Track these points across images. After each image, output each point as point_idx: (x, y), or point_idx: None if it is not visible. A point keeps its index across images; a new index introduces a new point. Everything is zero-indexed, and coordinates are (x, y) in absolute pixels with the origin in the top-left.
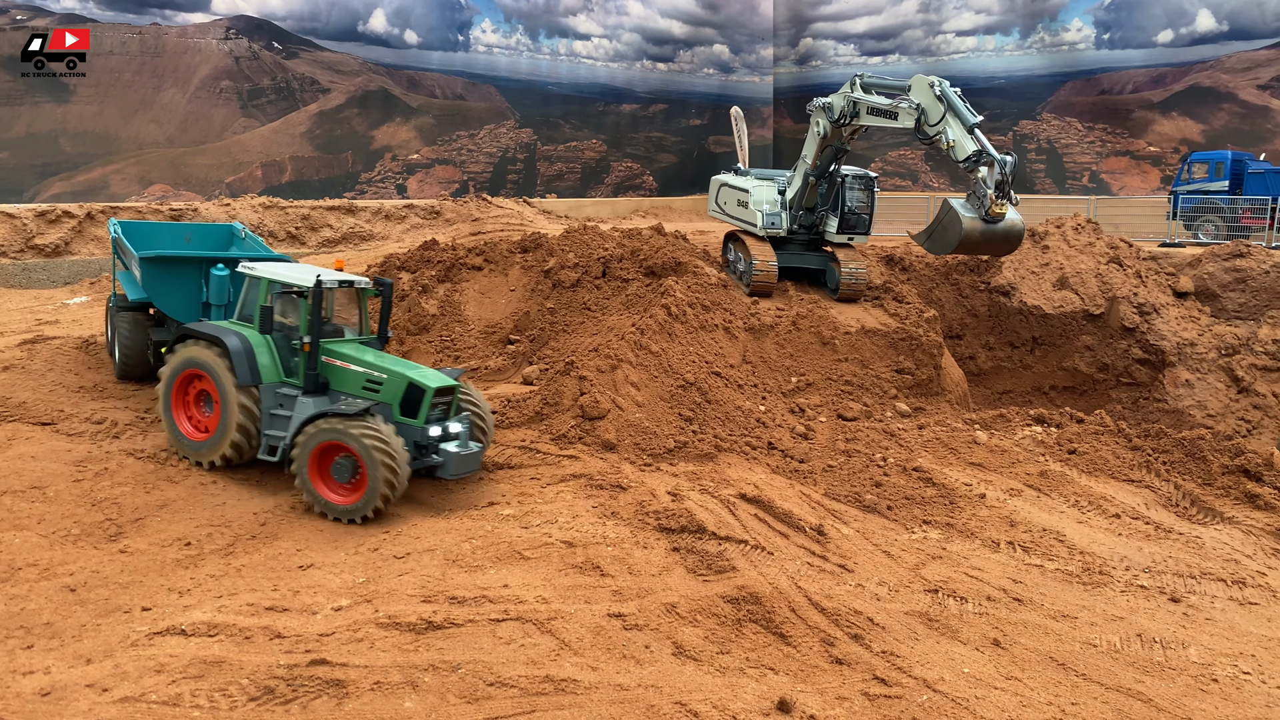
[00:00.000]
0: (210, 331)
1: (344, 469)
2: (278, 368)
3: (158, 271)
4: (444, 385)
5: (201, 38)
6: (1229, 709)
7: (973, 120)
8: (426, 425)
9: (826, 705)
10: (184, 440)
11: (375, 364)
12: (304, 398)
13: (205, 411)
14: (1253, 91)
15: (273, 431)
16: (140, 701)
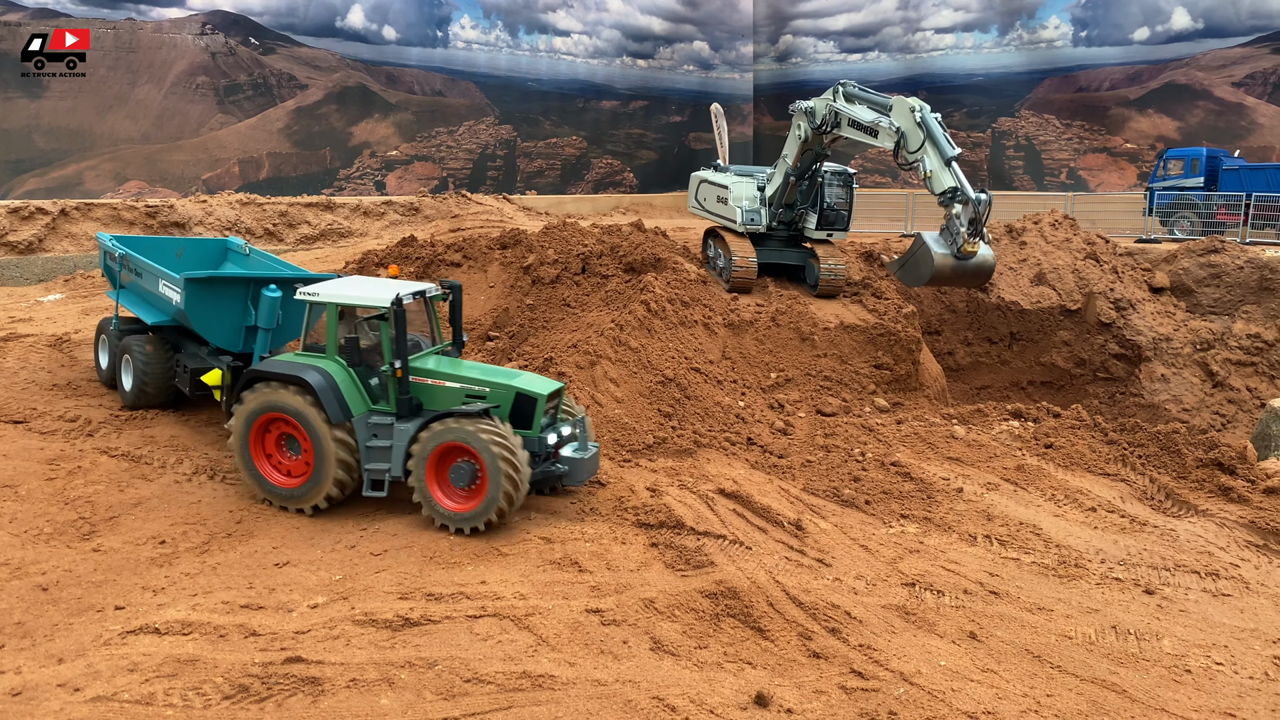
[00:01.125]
0: (286, 371)
1: (463, 473)
2: (363, 396)
3: (203, 294)
4: (553, 390)
5: (177, 33)
6: (1202, 699)
7: (951, 153)
8: (543, 433)
9: (804, 699)
10: (274, 489)
11: (473, 376)
12: (400, 424)
13: (291, 454)
14: (1227, 89)
15: (374, 465)
16: (113, 701)
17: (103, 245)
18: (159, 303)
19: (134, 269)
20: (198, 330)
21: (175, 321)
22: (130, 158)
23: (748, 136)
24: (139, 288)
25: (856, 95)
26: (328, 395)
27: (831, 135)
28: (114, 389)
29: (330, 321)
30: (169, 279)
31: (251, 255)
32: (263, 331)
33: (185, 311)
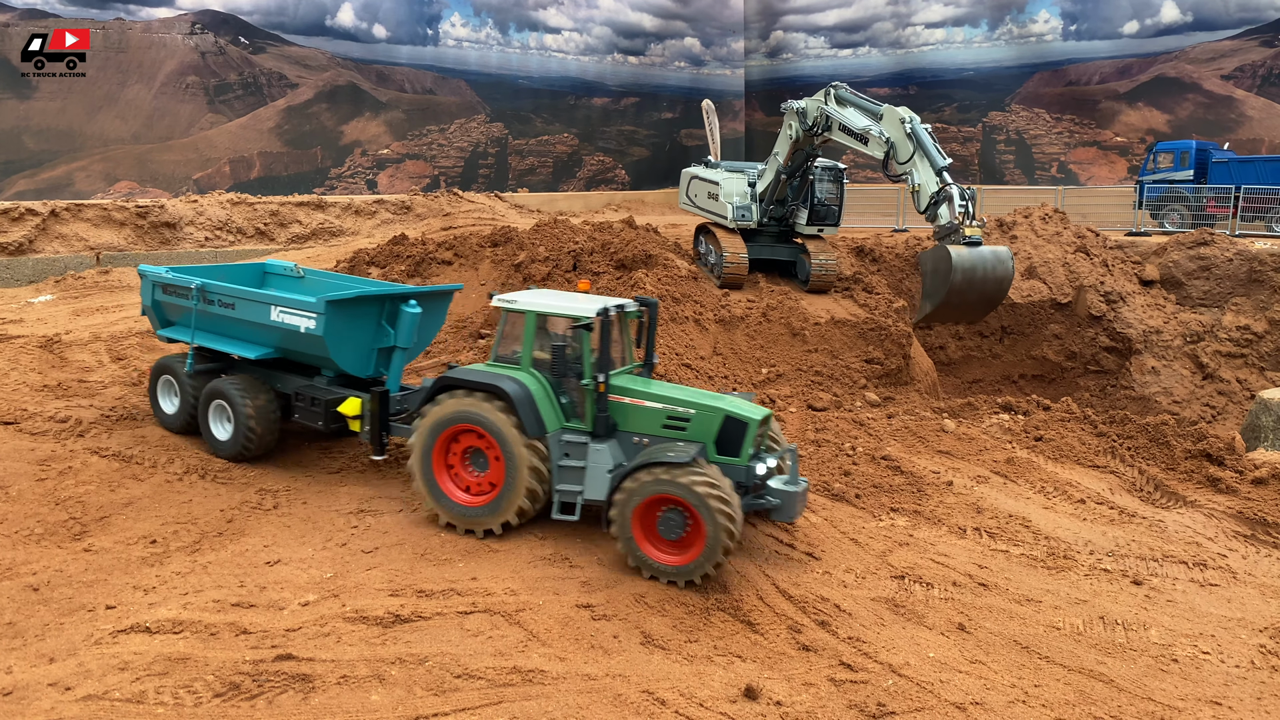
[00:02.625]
0: (481, 380)
1: (673, 524)
2: (557, 412)
3: (342, 317)
4: (764, 416)
5: (166, 33)
6: (1188, 688)
7: (942, 163)
8: (752, 463)
9: (793, 691)
10: (456, 507)
11: (675, 398)
12: (596, 444)
13: (474, 471)
14: (1217, 82)
15: (565, 486)
16: (103, 700)
17: (153, 279)
18: (260, 335)
19: (220, 299)
20: (334, 358)
21: (280, 353)
22: (120, 158)
23: (739, 132)
24: (224, 321)
25: (848, 99)
26: (525, 407)
27: (822, 137)
28: (183, 434)
29: (528, 332)
30: (295, 305)
31: (306, 277)
32: (400, 352)
33: (323, 338)
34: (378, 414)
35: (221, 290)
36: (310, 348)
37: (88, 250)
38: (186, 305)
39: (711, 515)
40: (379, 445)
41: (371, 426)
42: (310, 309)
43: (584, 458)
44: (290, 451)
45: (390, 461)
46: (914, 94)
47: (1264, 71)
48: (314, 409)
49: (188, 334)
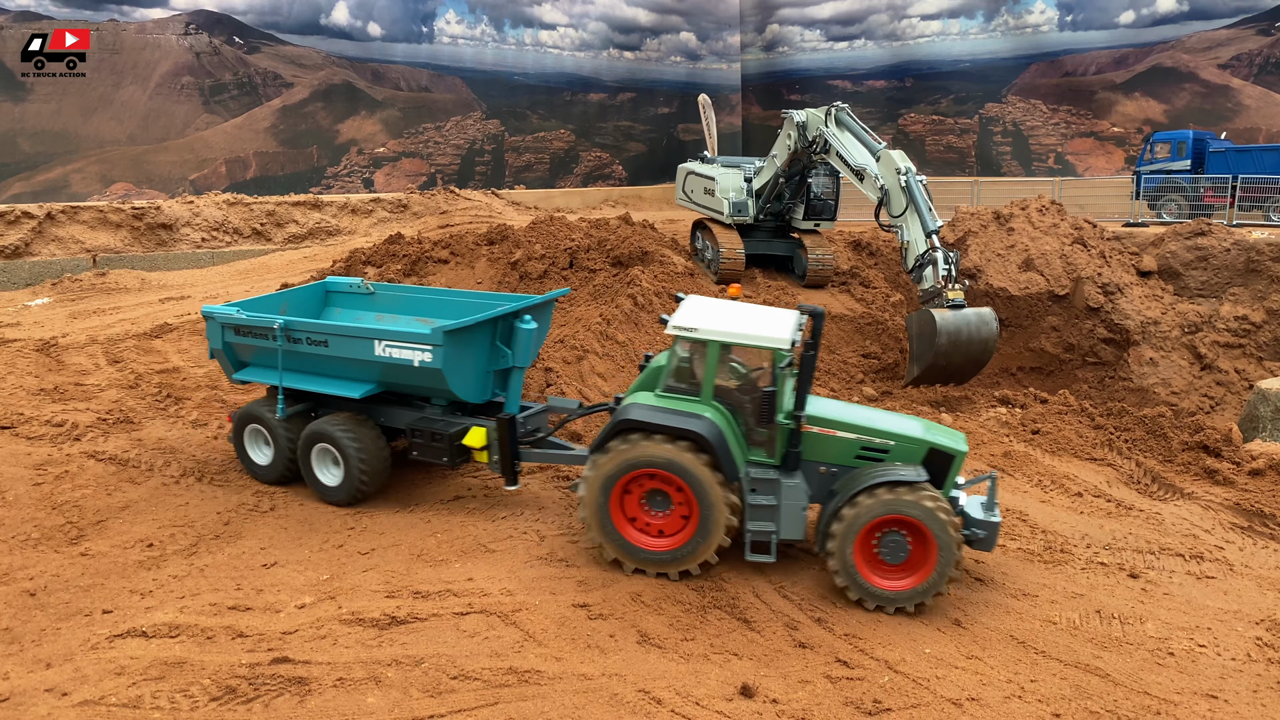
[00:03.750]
0: (670, 422)
1: (897, 548)
2: (741, 445)
3: (459, 345)
4: (964, 444)
5: (161, 33)
6: (1184, 681)
7: (933, 226)
8: (954, 497)
9: (789, 689)
10: (644, 553)
11: (869, 426)
12: (788, 479)
13: (654, 512)
14: (1214, 71)
15: (756, 525)
16: (100, 704)
17: (223, 320)
18: (361, 371)
19: (309, 337)
20: (454, 389)
21: (382, 388)
22: (116, 160)
23: (736, 127)
24: (317, 359)
25: (848, 124)
26: (725, 452)
27: (820, 156)
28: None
29: (710, 361)
30: (405, 339)
31: (377, 293)
32: (518, 371)
33: (442, 370)
34: (507, 442)
35: (311, 328)
36: (423, 380)
37: (84, 252)
38: (268, 346)
39: (947, 539)
40: (511, 475)
41: (501, 456)
42: (426, 341)
43: (773, 494)
44: None
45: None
46: (910, 86)
47: (1261, 60)
48: (435, 444)
49: (272, 376)
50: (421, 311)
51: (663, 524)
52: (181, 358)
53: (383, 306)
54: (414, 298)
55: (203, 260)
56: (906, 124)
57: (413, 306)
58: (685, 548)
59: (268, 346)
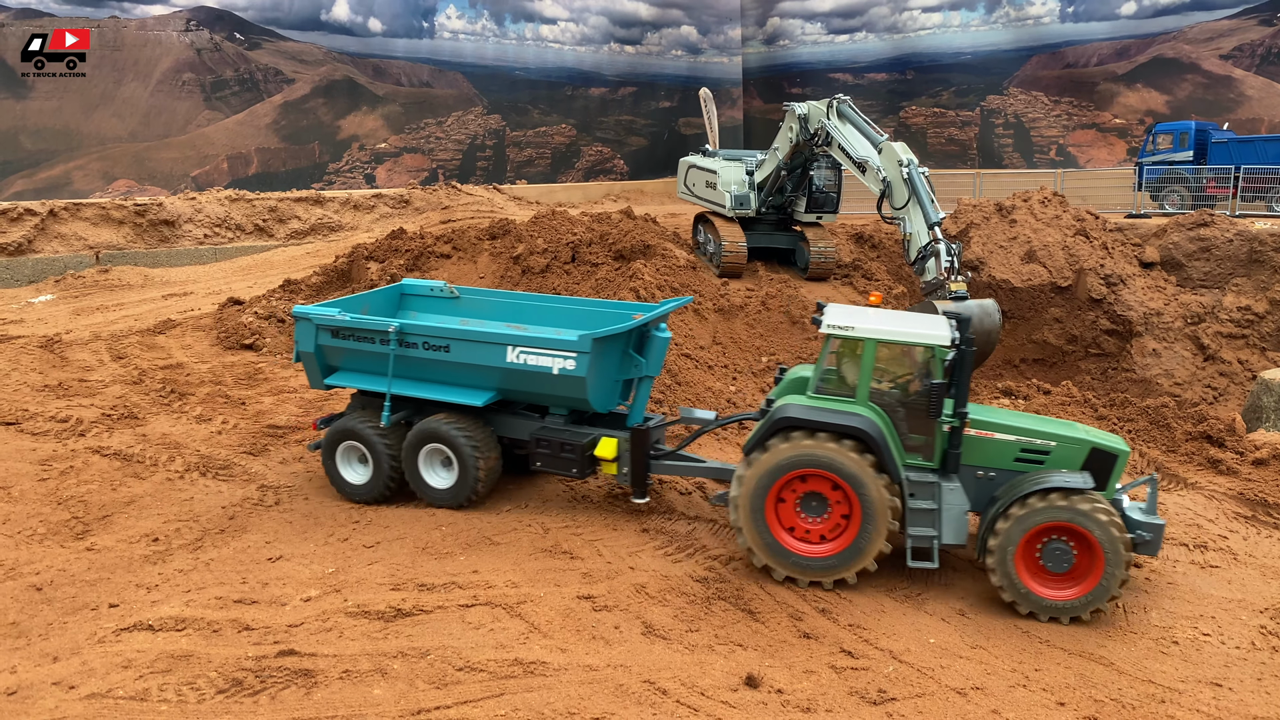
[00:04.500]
0: (833, 420)
1: (1060, 555)
2: (898, 448)
3: (602, 352)
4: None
5: (162, 30)
6: (1189, 670)
7: (936, 218)
8: (1117, 499)
9: (794, 679)
10: (799, 559)
11: (1026, 427)
12: (948, 483)
13: (810, 517)
14: (1215, 61)
15: (917, 530)
16: (107, 698)
17: (320, 322)
18: (482, 378)
19: (426, 341)
20: (591, 398)
21: (502, 395)
22: (118, 156)
23: (738, 120)
24: (431, 365)
25: (850, 116)
26: (886, 450)
27: (822, 148)
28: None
29: (866, 361)
30: (544, 345)
31: (462, 297)
32: (646, 381)
33: (585, 379)
34: (640, 453)
35: (431, 331)
36: (556, 389)
37: (87, 249)
38: (375, 351)
39: (1115, 548)
40: (642, 488)
41: (633, 468)
42: (570, 348)
43: (932, 498)
44: (292, 447)
45: None
46: (911, 79)
47: (1263, 51)
48: (566, 455)
49: (372, 382)
50: (507, 317)
51: (818, 529)
52: (185, 353)
53: (466, 311)
54: (499, 302)
55: (205, 256)
56: (908, 117)
57: (498, 311)
58: (845, 554)
59: (374, 351)
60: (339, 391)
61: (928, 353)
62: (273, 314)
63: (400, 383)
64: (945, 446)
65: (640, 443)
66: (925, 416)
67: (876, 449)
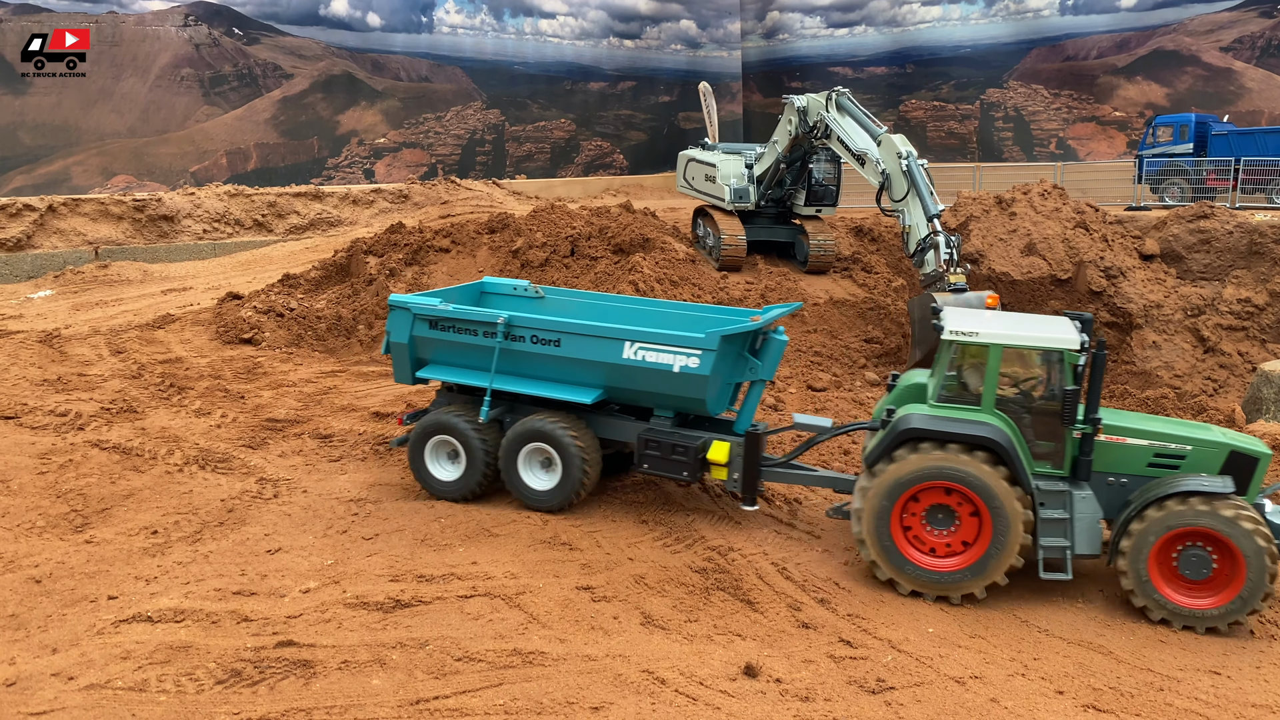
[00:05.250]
0: (963, 430)
1: (1197, 562)
2: (1027, 457)
3: (725, 352)
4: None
5: (160, 25)
6: (1187, 658)
7: (935, 210)
8: (1260, 504)
9: (793, 669)
10: (925, 574)
11: (1161, 431)
12: (1079, 491)
13: (936, 530)
14: (1215, 54)
15: (1048, 540)
16: (106, 688)
17: (420, 311)
18: (592, 374)
19: (536, 334)
20: (708, 399)
21: (607, 394)
22: (117, 152)
23: (737, 114)
24: (538, 360)
25: (849, 108)
26: (1017, 461)
27: (821, 141)
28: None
29: (991, 367)
30: (666, 341)
31: (546, 297)
32: (759, 385)
33: (707, 378)
34: (753, 459)
35: (541, 324)
36: (671, 388)
37: (86, 245)
38: (477, 344)
39: (1259, 556)
40: (752, 495)
41: (744, 474)
42: (695, 345)
43: (1063, 507)
44: (290, 440)
45: (395, 448)
46: (911, 72)
47: (1263, 43)
48: (678, 457)
49: (470, 376)
50: (591, 318)
51: (945, 542)
52: (184, 348)
53: (549, 311)
54: (584, 303)
55: (204, 252)
56: (908, 110)
57: (582, 313)
58: (974, 568)
59: (475, 344)
60: (341, 390)
61: (1057, 357)
62: (271, 308)
63: (502, 378)
64: (1076, 454)
65: (754, 448)
66: (1055, 423)
67: (1009, 460)
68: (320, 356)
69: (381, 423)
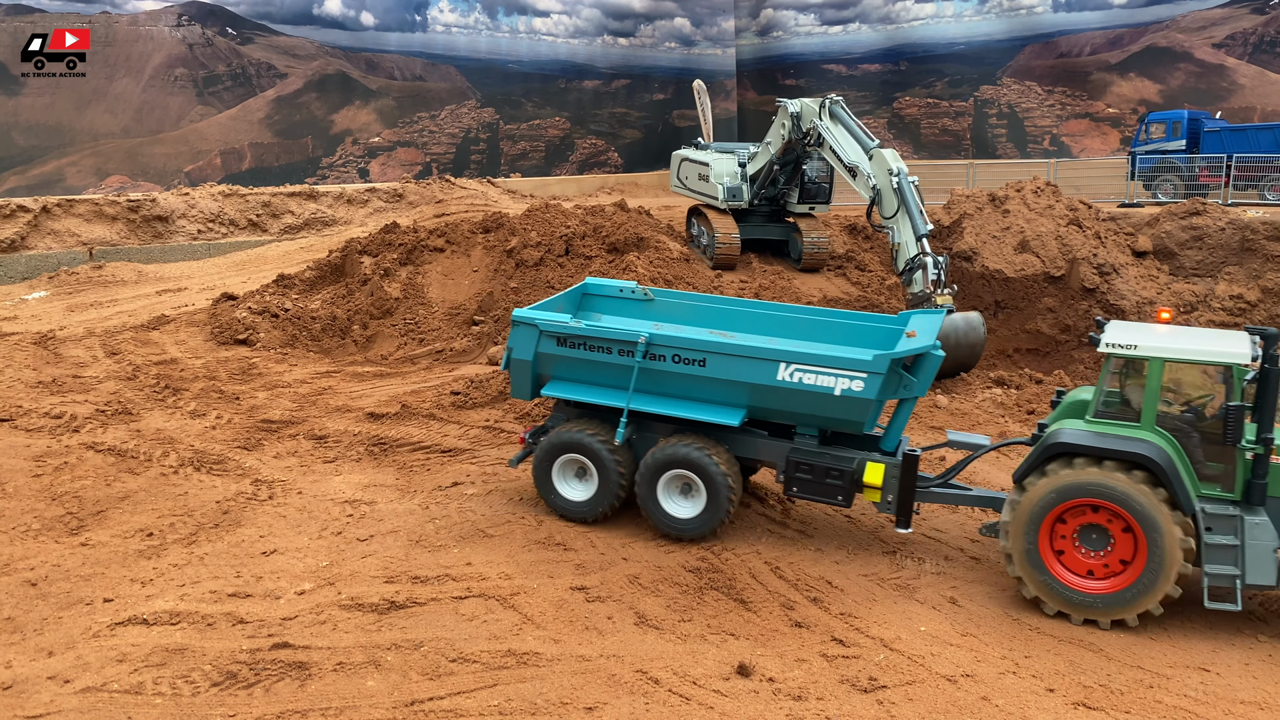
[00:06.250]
0: (1118, 447)
1: None
2: (1191, 478)
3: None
4: None
5: (153, 25)
6: (1176, 656)
7: (923, 229)
8: None
9: (785, 667)
10: (1075, 595)
11: None
12: (1252, 516)
13: (1090, 551)
14: (1208, 50)
15: (1215, 567)
16: (102, 691)
17: (548, 327)
18: (738, 395)
19: (679, 354)
20: (867, 422)
21: (751, 414)
22: (111, 152)
23: (732, 112)
24: (679, 380)
25: (842, 118)
26: (1177, 480)
27: (813, 147)
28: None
29: (1152, 383)
30: (827, 363)
31: (655, 299)
32: (910, 403)
33: (873, 401)
34: (910, 481)
35: (684, 343)
36: (826, 410)
37: (80, 246)
38: (608, 362)
39: None
40: (908, 517)
41: (900, 496)
42: (860, 368)
43: (1233, 532)
44: (285, 441)
45: (390, 449)
46: (905, 69)
47: (1255, 39)
48: (833, 481)
49: (602, 395)
50: (705, 322)
51: (1098, 564)
52: (179, 349)
53: (659, 314)
54: (696, 306)
55: (199, 252)
56: (901, 107)
57: (695, 316)
58: (1126, 592)
59: (610, 363)
60: (336, 391)
61: (1225, 372)
62: (266, 309)
63: (638, 397)
64: (1248, 476)
65: (911, 470)
66: (1223, 443)
67: (1166, 480)
68: (315, 357)
69: (377, 423)
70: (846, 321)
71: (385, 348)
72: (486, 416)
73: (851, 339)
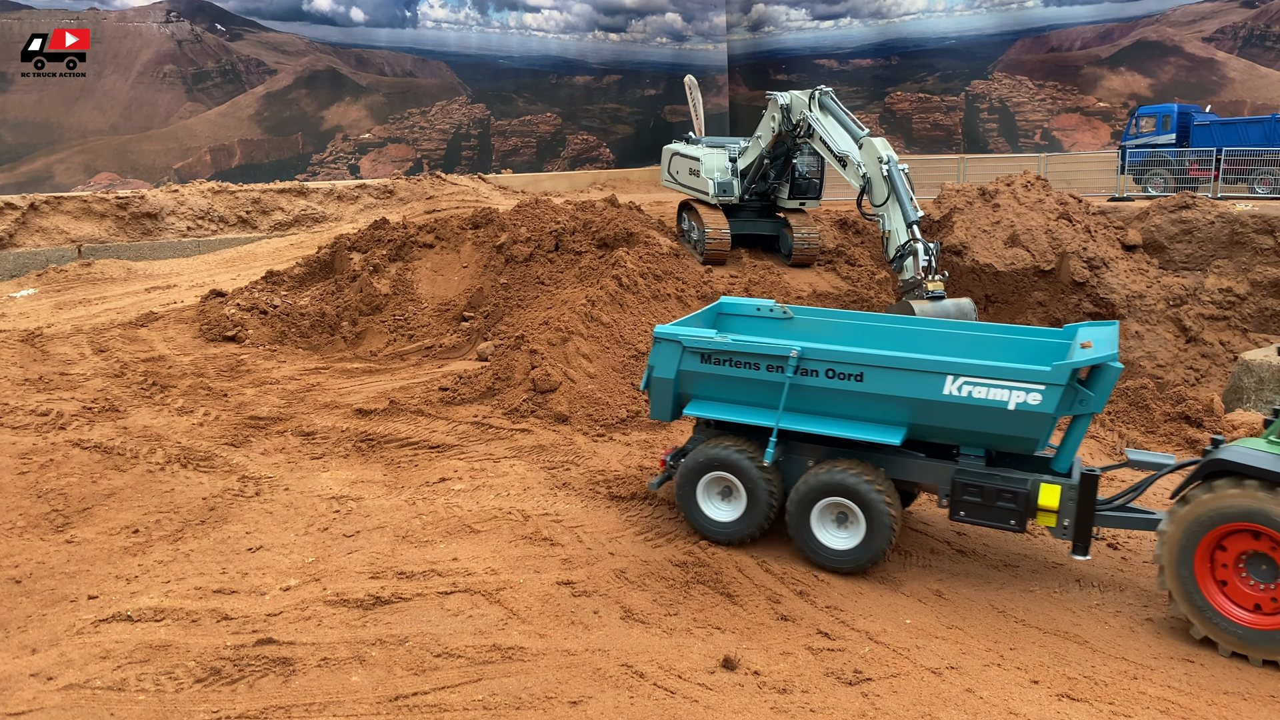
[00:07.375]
0: None
1: None
2: None
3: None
4: None
5: (142, 21)
6: (1162, 647)
7: (914, 217)
8: None
9: (771, 660)
10: (1237, 630)
11: None
12: None
13: (1253, 581)
14: (1198, 44)
15: None
16: (85, 688)
17: (692, 344)
18: (892, 411)
19: (834, 368)
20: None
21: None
22: (100, 149)
23: (723, 107)
24: (833, 397)
25: (832, 109)
26: None
27: (803, 139)
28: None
29: None
30: (999, 375)
31: (794, 317)
32: (1085, 420)
33: (1053, 415)
34: (1089, 503)
35: (840, 357)
36: (997, 426)
37: (69, 243)
38: (756, 378)
39: None
40: (1086, 543)
41: (1078, 520)
42: (1037, 379)
43: None
44: (273, 437)
45: (377, 445)
46: (896, 64)
47: (1245, 33)
48: (1005, 504)
49: (744, 413)
50: (850, 340)
51: (1265, 597)
52: (167, 346)
53: (799, 333)
54: (839, 324)
55: (188, 249)
56: (893, 102)
57: (837, 334)
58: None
59: (758, 379)
60: (324, 387)
61: None
62: (255, 305)
63: (789, 416)
64: None
65: (1090, 491)
66: None
67: None
68: (303, 354)
69: (365, 419)
70: (1003, 336)
71: (374, 344)
72: (475, 412)
73: (1010, 355)
